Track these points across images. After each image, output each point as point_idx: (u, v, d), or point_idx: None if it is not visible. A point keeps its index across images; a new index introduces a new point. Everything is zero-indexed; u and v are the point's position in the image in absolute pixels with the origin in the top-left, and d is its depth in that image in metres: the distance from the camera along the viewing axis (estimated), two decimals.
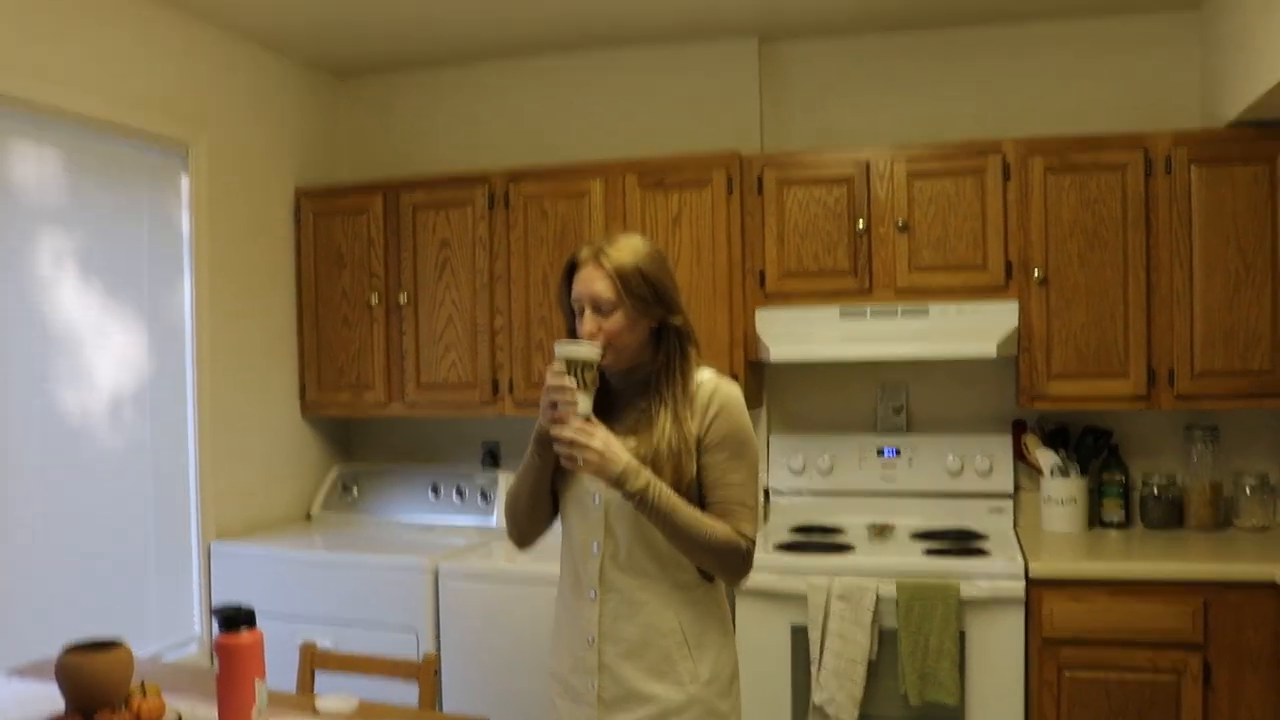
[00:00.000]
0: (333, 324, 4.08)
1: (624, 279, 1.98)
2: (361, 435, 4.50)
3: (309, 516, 4.21)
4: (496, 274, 3.86)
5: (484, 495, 4.00)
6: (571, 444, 1.90)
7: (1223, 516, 3.54)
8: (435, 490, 4.08)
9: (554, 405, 1.93)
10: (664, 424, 1.99)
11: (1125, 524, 3.60)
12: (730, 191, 3.58)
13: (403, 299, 3.95)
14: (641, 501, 1.93)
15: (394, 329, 3.99)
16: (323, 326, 4.10)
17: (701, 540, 1.95)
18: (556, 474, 2.09)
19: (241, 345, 3.88)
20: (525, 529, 2.16)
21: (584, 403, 1.93)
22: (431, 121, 4.36)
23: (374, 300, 3.99)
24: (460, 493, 4.04)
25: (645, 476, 1.92)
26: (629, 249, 2.02)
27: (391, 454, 4.42)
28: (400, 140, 4.39)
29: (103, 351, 3.33)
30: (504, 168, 3.89)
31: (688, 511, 1.95)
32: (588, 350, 1.95)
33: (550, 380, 1.93)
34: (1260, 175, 3.24)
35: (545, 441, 2.01)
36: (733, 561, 2.00)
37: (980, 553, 3.21)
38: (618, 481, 1.92)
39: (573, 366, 1.93)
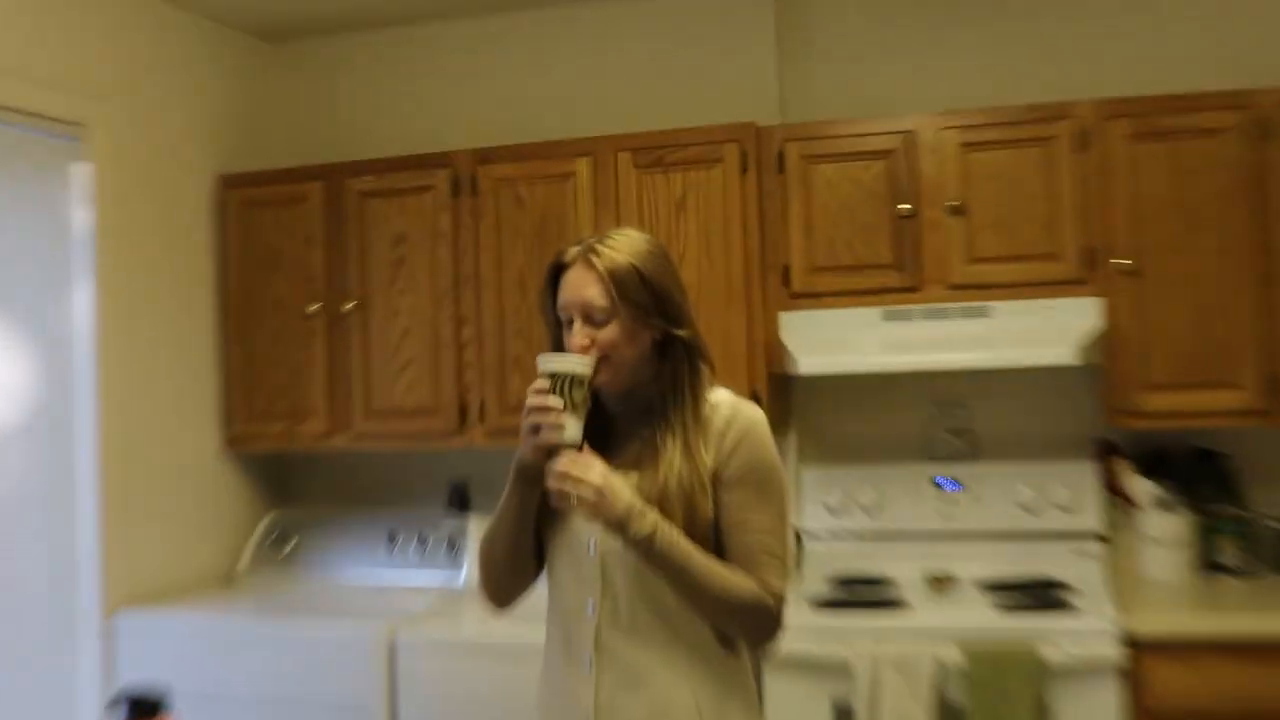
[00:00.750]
0: (264, 338, 3.96)
1: (619, 283, 1.96)
2: (300, 474, 4.37)
3: (235, 576, 4.09)
4: (463, 275, 3.74)
5: (451, 546, 3.90)
6: (563, 478, 1.85)
7: None
8: (391, 540, 3.98)
9: (536, 430, 1.89)
10: (672, 456, 1.96)
11: (1246, 570, 3.43)
12: (745, 170, 3.51)
13: (349, 307, 3.85)
14: (648, 549, 1.87)
15: (339, 343, 3.87)
16: (251, 341, 3.99)
17: (721, 596, 1.90)
18: (542, 517, 2.03)
19: (152, 366, 3.77)
20: (503, 585, 2.11)
21: (573, 427, 1.88)
22: (382, 92, 4.27)
23: (314, 309, 3.88)
24: (422, 543, 3.94)
25: (652, 519, 1.87)
26: (626, 246, 2.00)
27: (337, 497, 4.29)
28: (344, 115, 4.30)
29: None
30: (471, 146, 3.82)
31: (704, 562, 1.89)
32: (576, 363, 1.91)
33: (531, 400, 1.89)
34: None
35: (527, 476, 1.95)
36: (760, 622, 1.95)
37: (1065, 607, 3.09)
38: (619, 525, 1.86)
39: (558, 383, 1.88)
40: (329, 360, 3.91)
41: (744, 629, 1.97)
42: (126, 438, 3.63)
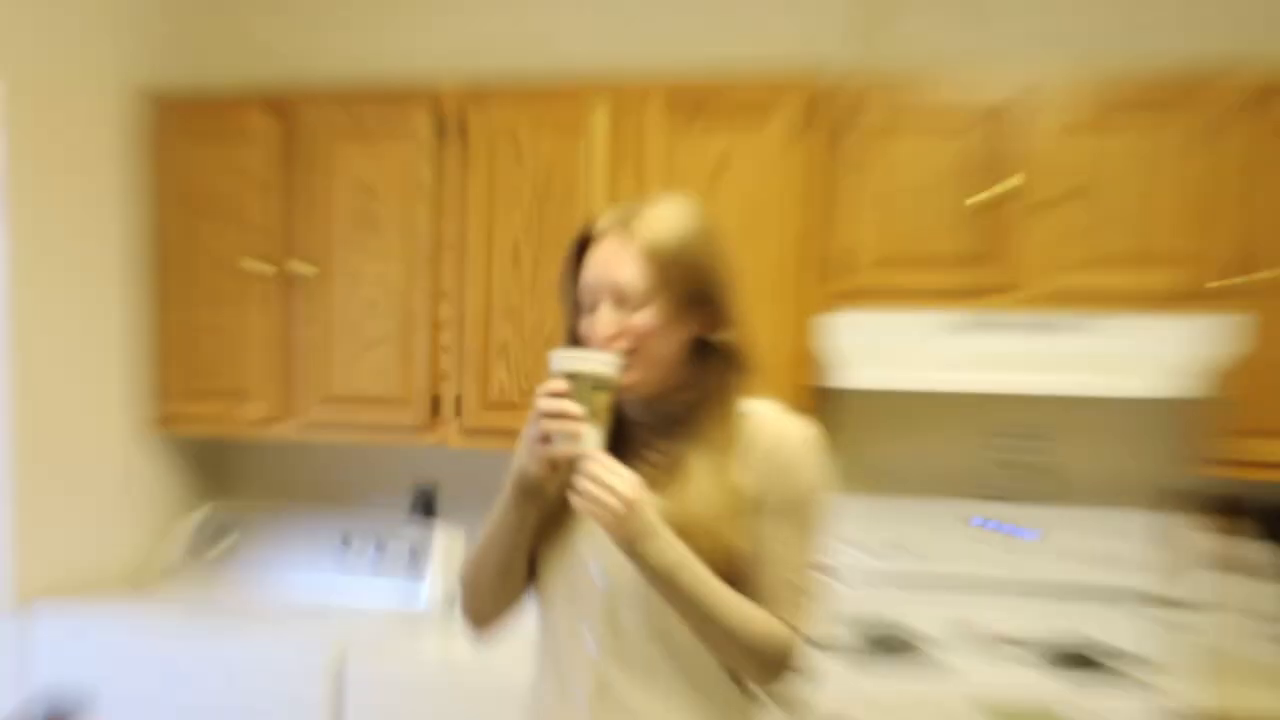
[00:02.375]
0: (195, 301, 3.47)
1: (662, 264, 1.79)
2: (239, 464, 3.90)
3: (162, 571, 3.64)
4: (445, 240, 3.21)
5: (413, 557, 3.41)
6: (592, 482, 1.73)
7: None
8: (344, 545, 3.50)
9: (547, 439, 1.74)
10: (700, 479, 1.81)
11: None
12: (802, 132, 2.98)
13: (304, 269, 3.34)
14: (667, 581, 1.75)
15: (288, 313, 3.39)
16: (181, 305, 3.50)
17: (740, 636, 1.80)
18: (539, 535, 1.90)
19: (60, 333, 3.31)
20: (488, 608, 1.96)
21: (593, 439, 1.73)
22: (353, 5, 3.70)
23: (258, 268, 3.37)
24: (379, 551, 3.45)
25: (678, 550, 1.75)
26: (672, 220, 1.83)
27: (283, 491, 3.82)
28: (301, 26, 3.73)
29: None
30: (461, 79, 3.29)
31: (723, 597, 1.79)
32: (601, 363, 1.75)
33: (544, 404, 1.73)
34: None
35: (528, 490, 1.81)
36: (771, 658, 1.82)
37: (1121, 676, 2.78)
38: (638, 546, 1.73)
39: (578, 386, 1.73)
40: (276, 332, 3.41)
41: (759, 668, 1.84)
42: (35, 418, 3.27)
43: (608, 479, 1.72)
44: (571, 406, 1.72)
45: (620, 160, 3.08)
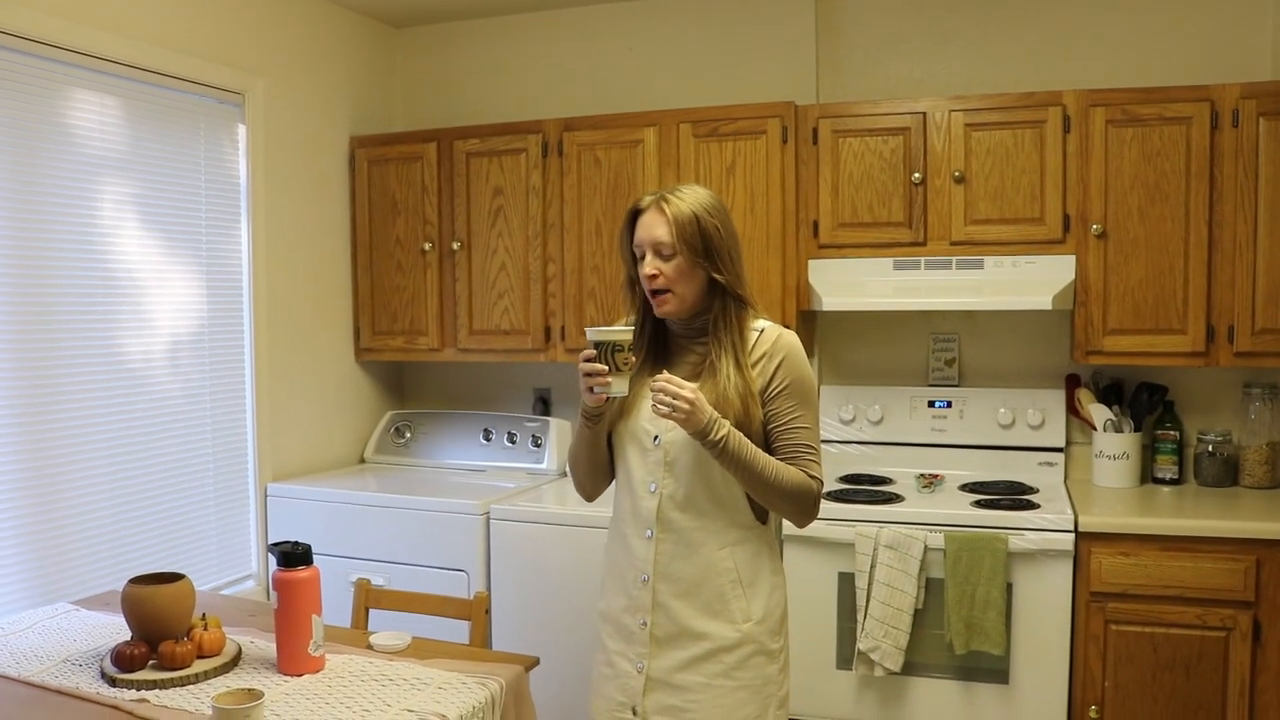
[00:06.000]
0: (387, 270, 4.09)
1: (681, 227, 2.01)
2: (415, 380, 4.51)
3: (363, 459, 4.24)
4: (549, 222, 3.84)
5: (535, 440, 3.99)
6: (663, 391, 1.93)
7: (1279, 476, 3.46)
8: (487, 435, 4.09)
9: (590, 388, 1.99)
10: (727, 371, 2.01)
11: (1178, 480, 3.53)
12: (785, 141, 3.53)
13: (456, 246, 3.94)
14: (723, 450, 1.94)
15: (447, 275, 3.98)
16: (377, 272, 4.11)
17: (777, 486, 1.97)
18: (610, 420, 2.14)
19: (297, 291, 3.88)
20: (588, 488, 2.24)
21: (619, 384, 1.95)
22: (486, 71, 4.33)
23: (427, 247, 3.99)
24: (512, 438, 4.04)
25: (727, 425, 1.95)
26: (691, 199, 2.04)
27: (444, 399, 4.44)
28: (455, 89, 4.37)
29: (162, 297, 3.33)
30: (558, 116, 3.88)
31: (764, 458, 1.97)
32: (618, 332, 1.96)
33: (580, 367, 1.98)
34: None
35: (590, 415, 2.08)
36: (805, 504, 2.03)
37: (1030, 505, 3.17)
38: (703, 431, 1.94)
39: (603, 350, 1.94)
40: (439, 289, 4.01)
41: (793, 510, 2.04)
42: (277, 347, 3.77)
43: (676, 390, 1.92)
44: (599, 366, 1.96)
45: (664, 165, 3.61)
